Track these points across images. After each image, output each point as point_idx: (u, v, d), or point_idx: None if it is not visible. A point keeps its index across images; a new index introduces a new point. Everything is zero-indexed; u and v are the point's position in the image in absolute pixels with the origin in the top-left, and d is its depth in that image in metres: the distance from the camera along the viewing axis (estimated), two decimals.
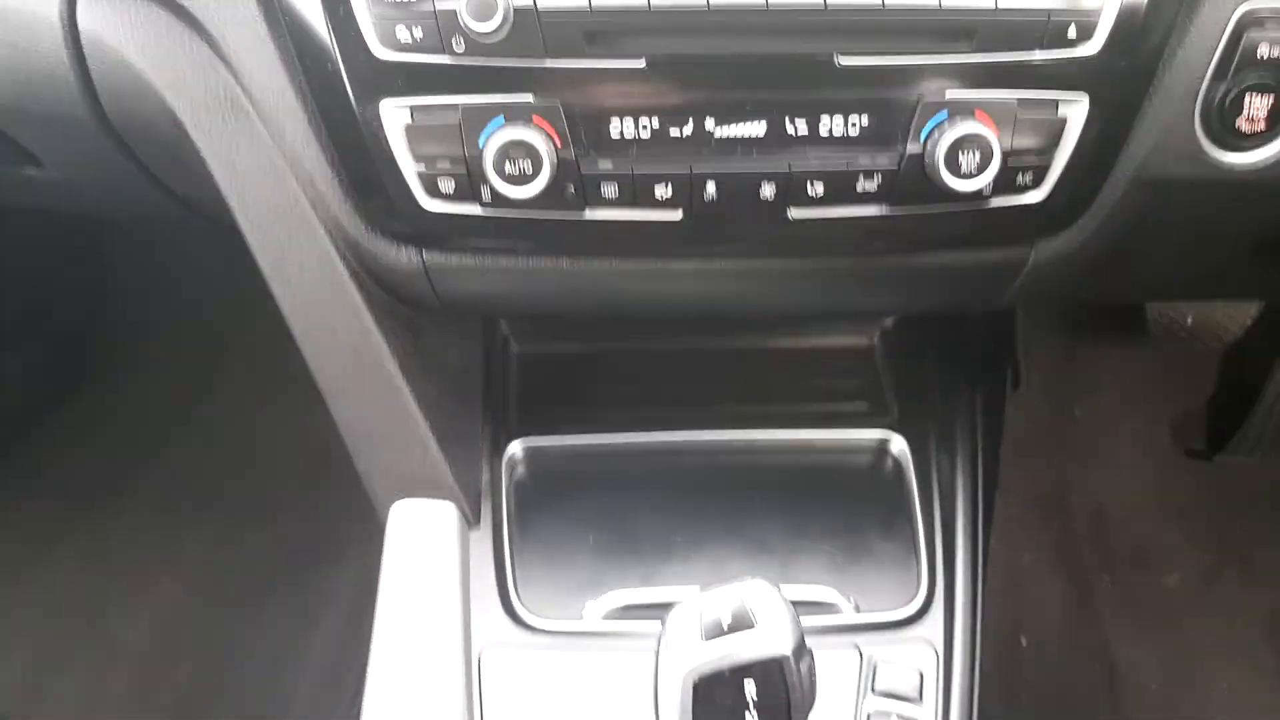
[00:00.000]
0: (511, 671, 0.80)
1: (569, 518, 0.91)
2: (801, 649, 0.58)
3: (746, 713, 0.57)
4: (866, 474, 0.93)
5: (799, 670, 0.58)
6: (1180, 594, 1.50)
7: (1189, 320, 1.59)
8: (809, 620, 0.81)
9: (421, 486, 0.87)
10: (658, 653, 0.59)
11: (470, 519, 0.88)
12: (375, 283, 0.80)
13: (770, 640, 0.57)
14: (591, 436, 0.95)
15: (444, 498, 0.87)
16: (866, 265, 0.77)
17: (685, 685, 0.57)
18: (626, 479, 0.93)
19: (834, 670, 0.78)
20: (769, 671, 0.57)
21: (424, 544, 0.85)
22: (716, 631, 0.57)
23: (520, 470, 0.93)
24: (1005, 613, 1.46)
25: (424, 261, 0.77)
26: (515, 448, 0.93)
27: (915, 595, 0.83)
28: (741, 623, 0.57)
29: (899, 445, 0.92)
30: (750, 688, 0.57)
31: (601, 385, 1.00)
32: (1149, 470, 1.60)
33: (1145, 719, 1.37)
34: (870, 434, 0.94)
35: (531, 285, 0.79)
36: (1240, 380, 1.64)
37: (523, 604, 0.84)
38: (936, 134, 0.66)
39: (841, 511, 0.91)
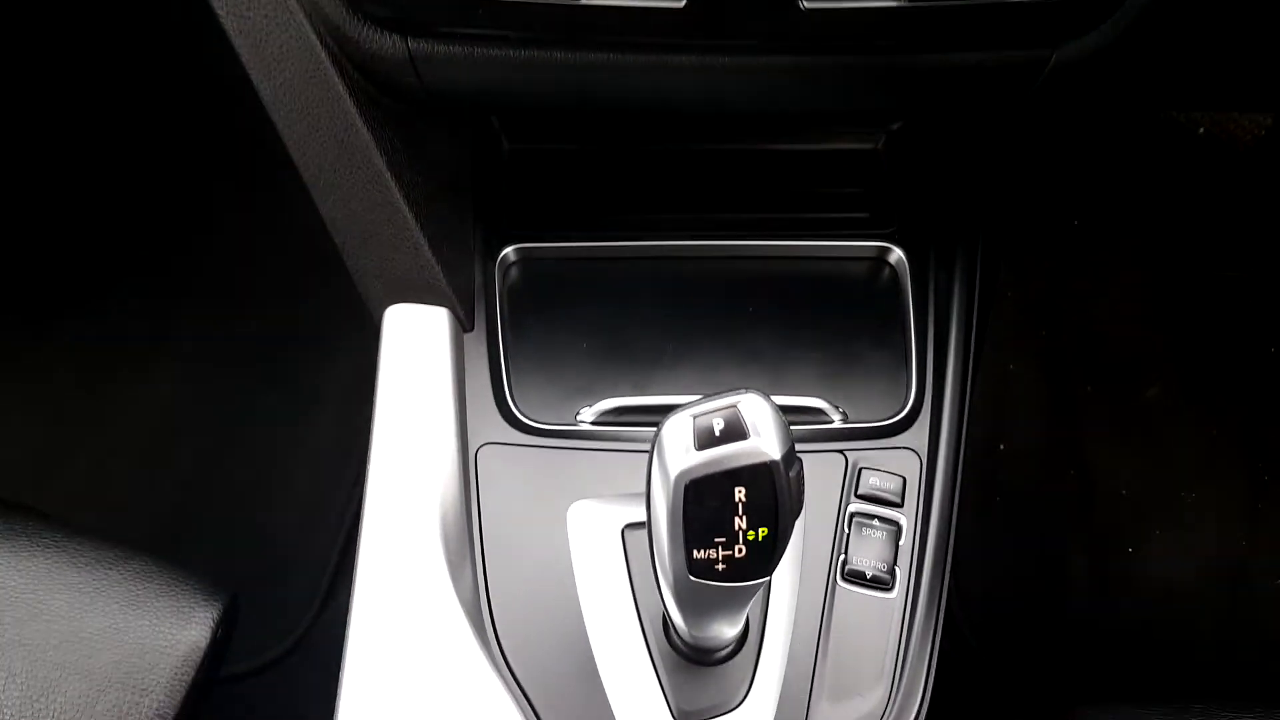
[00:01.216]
0: (507, 468, 0.82)
1: (563, 324, 0.91)
2: (791, 457, 0.59)
3: (735, 516, 0.59)
4: (863, 285, 0.92)
5: (788, 477, 0.59)
6: (1160, 406, 1.53)
7: (1201, 130, 1.54)
8: (797, 427, 0.84)
9: (414, 291, 0.86)
10: (651, 456, 0.60)
11: (464, 323, 0.88)
12: (360, 73, 0.76)
13: (761, 448, 0.58)
14: (586, 243, 0.93)
15: (438, 303, 0.86)
16: (880, 63, 0.73)
17: (678, 488, 0.59)
18: (621, 286, 0.93)
19: (819, 475, 0.80)
20: (758, 477, 0.58)
21: (419, 347, 0.86)
22: (709, 438, 0.58)
23: (514, 275, 0.92)
24: (985, 418, 1.49)
25: (410, 49, 0.73)
26: (509, 252, 0.92)
27: (903, 405, 0.84)
28: (734, 431, 0.58)
29: (897, 256, 0.91)
30: (740, 493, 0.59)
31: (596, 187, 0.97)
32: (1143, 283, 1.60)
33: (1113, 524, 1.43)
34: (869, 244, 0.92)
35: (524, 78, 0.75)
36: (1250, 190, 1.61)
37: (518, 406, 0.85)
38: None
39: (835, 321, 0.91)
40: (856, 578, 0.76)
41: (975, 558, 1.39)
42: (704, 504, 0.59)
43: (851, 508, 0.79)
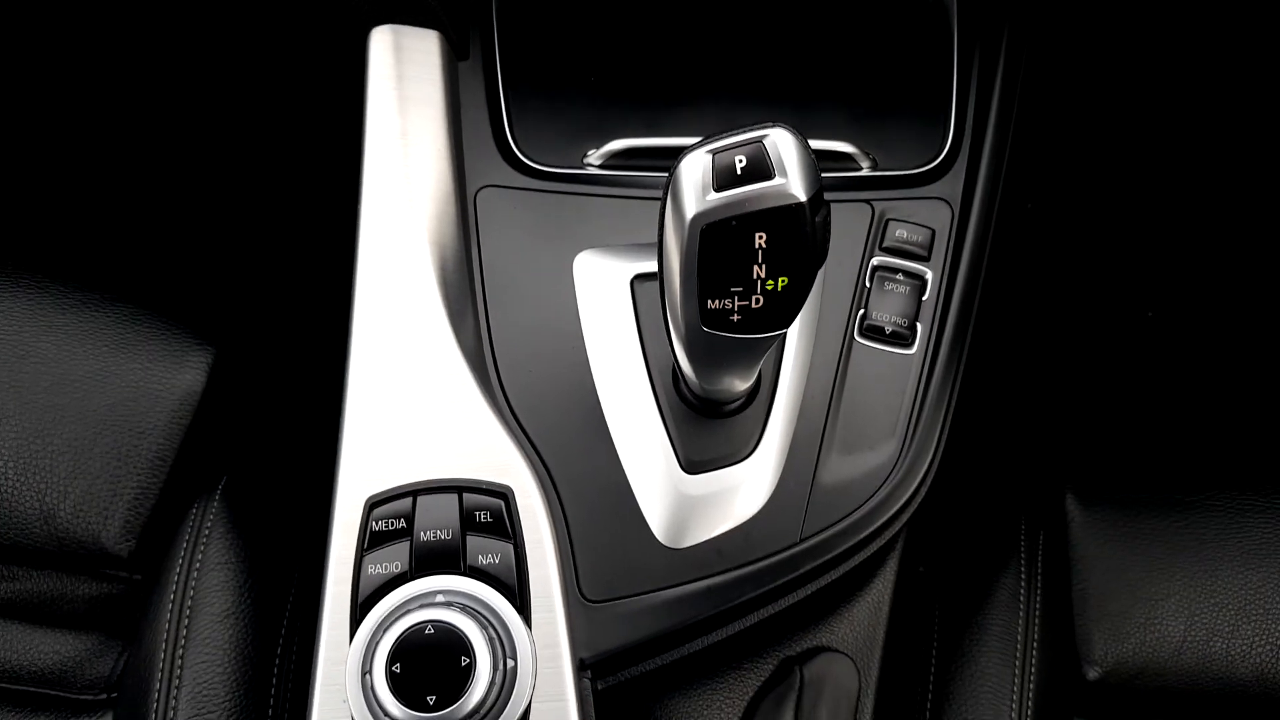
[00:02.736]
0: (508, 212, 0.77)
1: (567, 54, 0.82)
2: (819, 201, 0.54)
3: (755, 264, 0.55)
4: (905, 18, 0.82)
5: (814, 222, 0.54)
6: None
7: None
8: (831, 174, 0.78)
9: (402, 10, 0.77)
10: (665, 198, 0.54)
11: (459, 50, 0.79)
12: None
13: (788, 189, 0.52)
14: None
15: (428, 24, 0.77)
16: None
17: (693, 233, 0.53)
18: (632, 11, 0.83)
19: (843, 226, 0.75)
20: (783, 222, 0.53)
21: (409, 74, 0.77)
22: (730, 178, 0.53)
23: None
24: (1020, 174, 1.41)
25: None
26: None
27: (939, 151, 0.78)
28: (758, 170, 0.52)
29: None
30: (761, 238, 0.54)
31: None
32: None
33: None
34: None
35: None
36: None
37: (519, 145, 0.78)
38: None
39: (871, 58, 0.82)
40: (875, 333, 0.73)
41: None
42: (721, 250, 0.54)
43: (875, 260, 0.74)
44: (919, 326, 0.73)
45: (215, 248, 1.29)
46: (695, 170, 0.53)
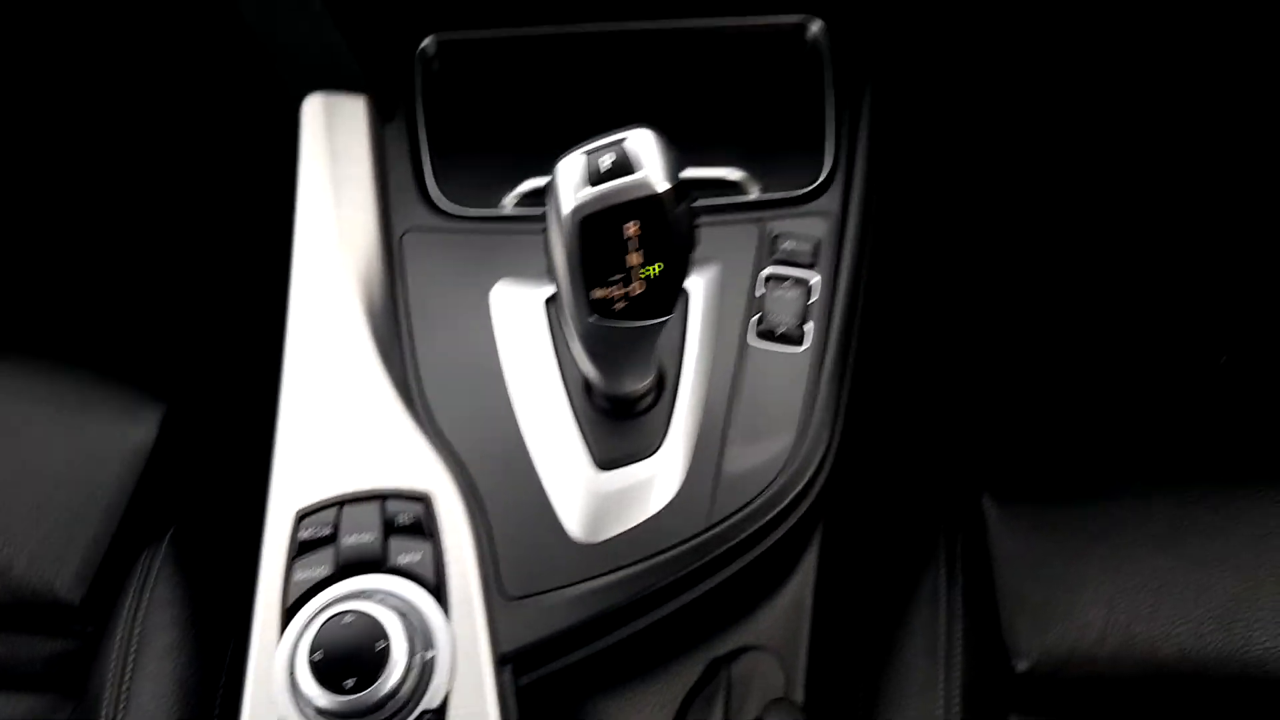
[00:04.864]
0: (431, 253, 0.83)
1: (484, 112, 0.90)
2: (681, 191, 0.60)
3: (630, 253, 0.61)
4: (784, 60, 0.91)
5: (677, 210, 0.60)
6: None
7: None
8: (719, 200, 0.85)
9: (332, 79, 0.85)
10: (548, 200, 0.61)
11: (384, 112, 0.87)
12: None
13: (648, 180, 0.59)
14: (506, 30, 0.91)
15: (356, 91, 0.86)
16: None
17: (572, 226, 0.60)
18: (542, 73, 0.92)
19: (738, 244, 0.82)
20: (648, 210, 0.59)
21: (338, 137, 0.85)
22: (599, 176, 0.59)
23: (435, 64, 0.91)
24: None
25: None
26: (429, 41, 0.90)
27: (820, 176, 0.85)
28: (623, 166, 0.59)
29: (817, 28, 0.90)
30: (632, 227, 0.60)
31: None
32: None
33: None
34: (789, 18, 0.91)
35: None
36: None
37: (440, 193, 0.86)
38: None
39: (757, 97, 0.90)
40: (769, 335, 0.78)
41: None
42: (599, 240, 0.60)
43: (766, 271, 0.81)
44: (808, 327, 0.78)
45: (165, 307, 1.35)
46: (570, 171, 0.60)
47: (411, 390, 0.76)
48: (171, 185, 1.32)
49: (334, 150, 0.84)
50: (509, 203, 0.86)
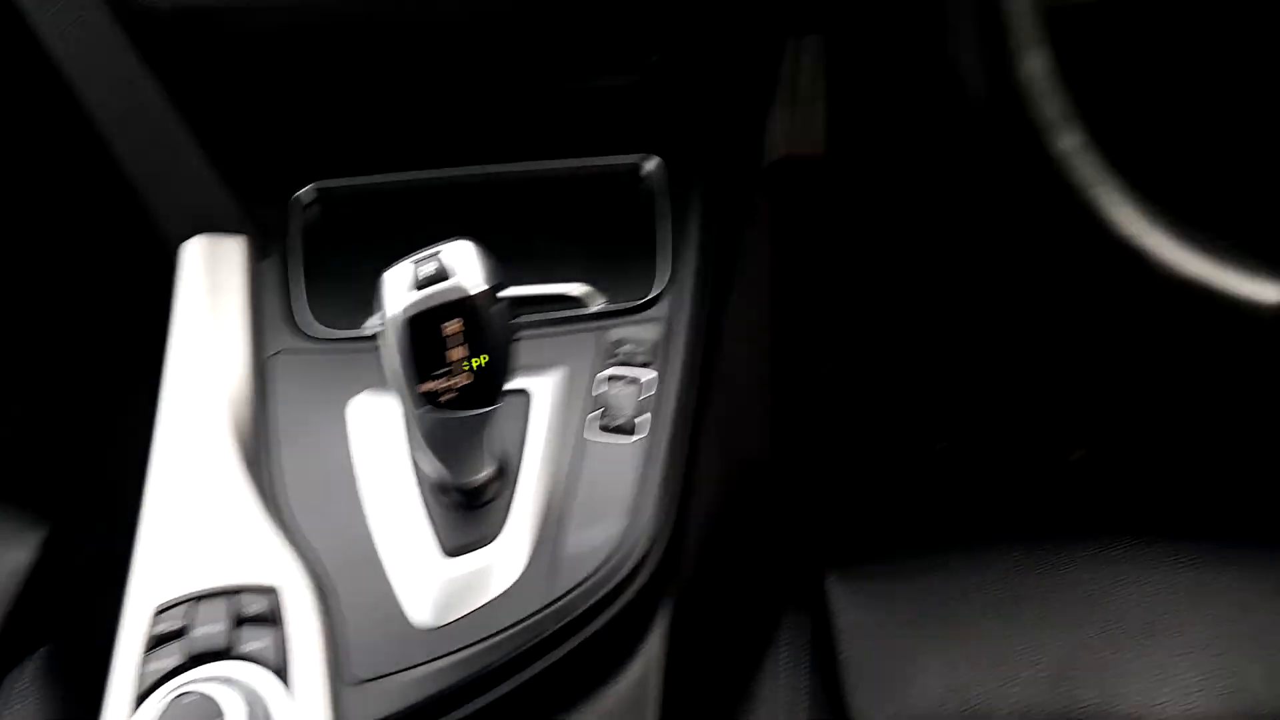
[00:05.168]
0: (296, 373, 0.90)
1: (353, 246, 0.99)
2: (495, 291, 0.69)
3: (454, 348, 0.69)
4: (625, 193, 1.03)
5: (492, 308, 0.69)
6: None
7: None
8: (566, 313, 0.94)
9: (210, 223, 0.94)
10: (379, 306, 0.69)
11: (260, 250, 0.96)
12: (139, 20, 0.85)
13: (463, 284, 0.67)
14: (378, 176, 1.02)
15: (234, 233, 0.95)
16: None
17: (400, 327, 0.68)
18: (408, 213, 1.02)
19: (582, 351, 0.91)
20: (465, 309, 0.68)
21: (215, 275, 0.94)
22: (422, 283, 0.68)
23: (310, 208, 1.01)
24: (811, 348, 1.62)
25: None
26: (306, 190, 1.01)
27: (655, 288, 0.95)
28: (442, 273, 0.68)
29: (651, 165, 1.02)
30: (453, 325, 0.68)
31: (390, 133, 1.07)
32: None
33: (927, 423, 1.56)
34: (629, 157, 1.03)
35: None
36: None
37: (308, 319, 0.94)
38: None
39: (601, 225, 1.01)
40: (606, 429, 0.86)
41: (809, 473, 1.51)
42: (423, 338, 0.68)
43: (605, 372, 0.89)
44: (642, 419, 0.86)
45: (49, 431, 1.39)
46: (396, 279, 0.68)
47: (271, 494, 0.82)
48: (53, 319, 1.39)
49: (211, 285, 0.92)
50: (372, 324, 0.94)
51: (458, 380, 0.70)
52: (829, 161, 1.83)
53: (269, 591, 0.74)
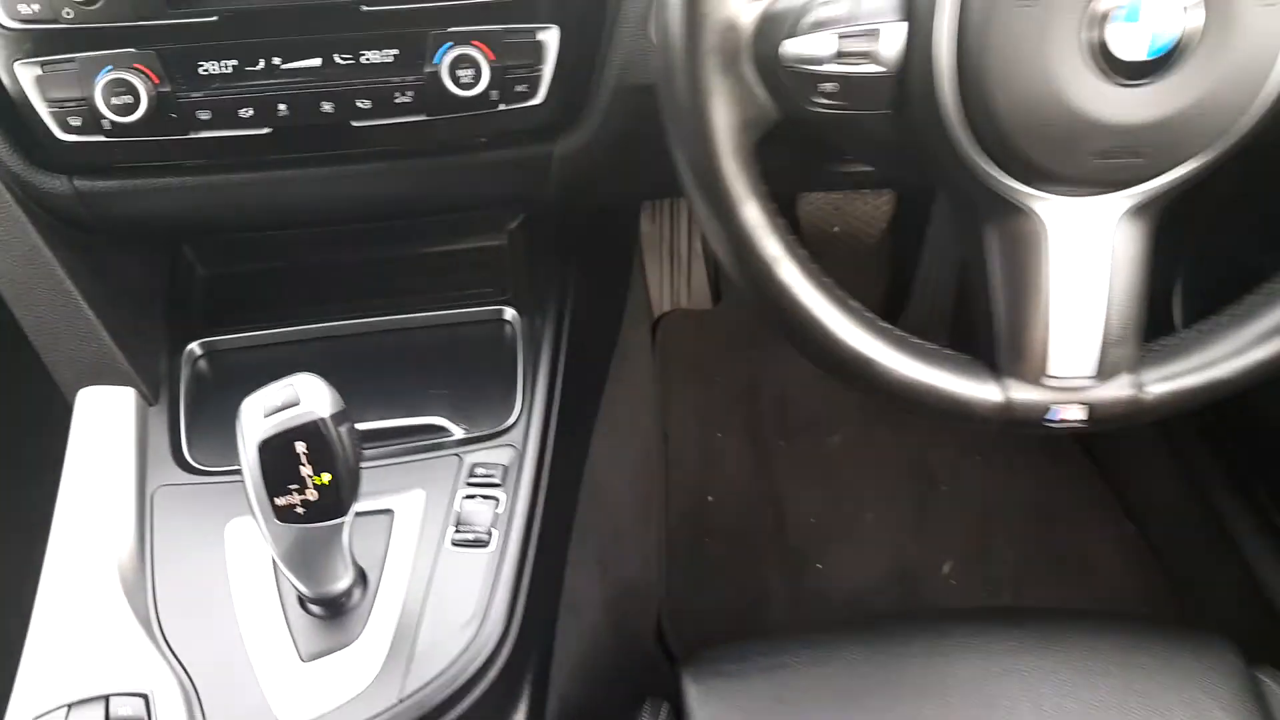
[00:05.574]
0: (179, 503, 1.00)
1: (239, 393, 1.11)
2: (340, 418, 0.80)
3: (301, 466, 0.80)
4: (488, 340, 1.17)
5: (337, 432, 0.80)
6: (841, 450, 1.82)
7: (835, 229, 1.91)
8: (428, 440, 1.06)
9: (103, 375, 1.06)
10: (237, 432, 0.80)
11: (149, 399, 1.07)
12: (40, 208, 0.99)
13: (310, 410, 0.79)
14: (263, 332, 1.15)
15: (124, 384, 1.06)
16: (432, 164, 1.01)
17: (253, 449, 0.79)
18: (292, 361, 1.14)
19: (443, 475, 1.02)
20: (311, 433, 0.79)
21: (106, 421, 1.04)
22: (274, 410, 0.79)
23: (199, 361, 1.13)
24: (695, 478, 1.74)
25: (75, 187, 0.97)
26: (194, 346, 1.13)
27: (509, 417, 1.07)
28: (292, 401, 0.80)
29: (509, 315, 1.16)
30: (300, 446, 0.79)
31: (276, 294, 1.20)
32: None
33: (803, 545, 1.67)
34: (491, 308, 1.18)
35: (168, 202, 1.00)
36: (893, 275, 1.98)
37: (192, 456, 1.04)
38: (445, 58, 0.91)
39: (465, 366, 1.14)
40: (463, 542, 0.96)
41: (689, 591, 1.60)
42: (275, 458, 0.79)
43: (463, 492, 1.00)
44: (494, 533, 0.97)
45: None
46: (252, 407, 0.80)
47: (147, 612, 0.90)
48: None
49: (102, 430, 1.03)
50: None
51: (308, 495, 0.80)
52: (720, 313, 2.01)
53: (141, 696, 0.81)
